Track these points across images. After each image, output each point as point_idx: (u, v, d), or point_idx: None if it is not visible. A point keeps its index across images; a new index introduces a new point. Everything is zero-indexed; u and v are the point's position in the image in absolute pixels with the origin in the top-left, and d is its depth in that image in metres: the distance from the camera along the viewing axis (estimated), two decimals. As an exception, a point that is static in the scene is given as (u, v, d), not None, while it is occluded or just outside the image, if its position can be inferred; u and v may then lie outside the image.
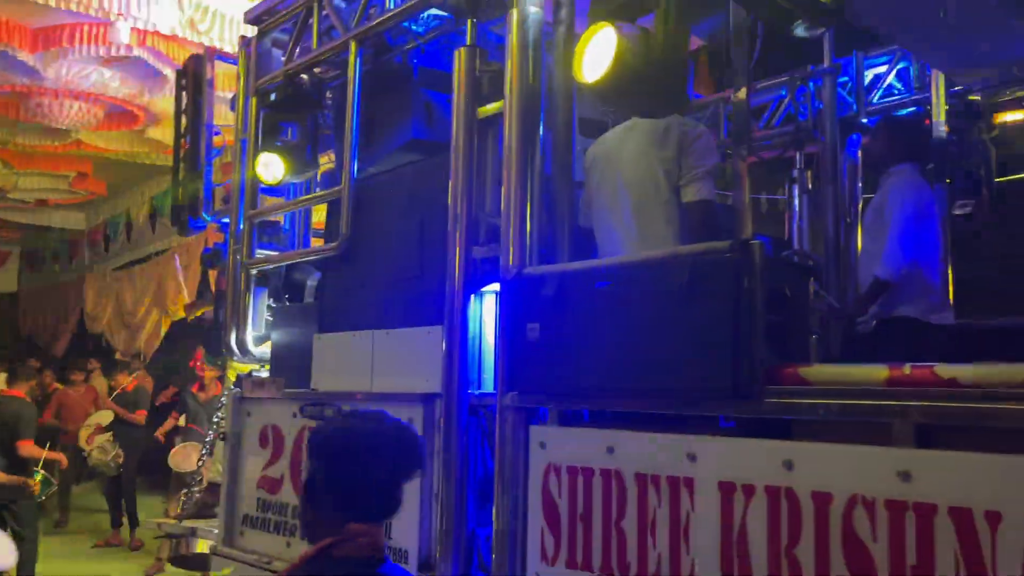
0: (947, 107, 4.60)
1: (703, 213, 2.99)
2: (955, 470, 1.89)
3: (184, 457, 8.27)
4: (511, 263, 3.02)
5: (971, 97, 4.69)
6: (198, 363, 9.15)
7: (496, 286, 3.18)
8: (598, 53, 2.69)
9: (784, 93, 5.56)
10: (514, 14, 3.18)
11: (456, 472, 3.12)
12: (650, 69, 2.62)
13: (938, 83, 4.63)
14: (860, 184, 5.25)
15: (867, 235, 4.25)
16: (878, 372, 2.13)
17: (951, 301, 4.20)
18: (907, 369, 2.08)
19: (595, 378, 2.68)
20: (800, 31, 2.43)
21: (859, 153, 5.14)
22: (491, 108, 3.35)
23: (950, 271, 4.28)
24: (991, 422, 1.89)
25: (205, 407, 8.85)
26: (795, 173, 5.53)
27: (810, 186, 5.43)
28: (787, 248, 5.46)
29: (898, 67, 5.16)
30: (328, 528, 1.93)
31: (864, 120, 5.19)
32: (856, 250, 5.01)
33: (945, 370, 2.02)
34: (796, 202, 5.55)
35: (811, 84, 5.34)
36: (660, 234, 3.02)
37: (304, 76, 4.32)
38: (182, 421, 9.21)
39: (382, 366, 3.58)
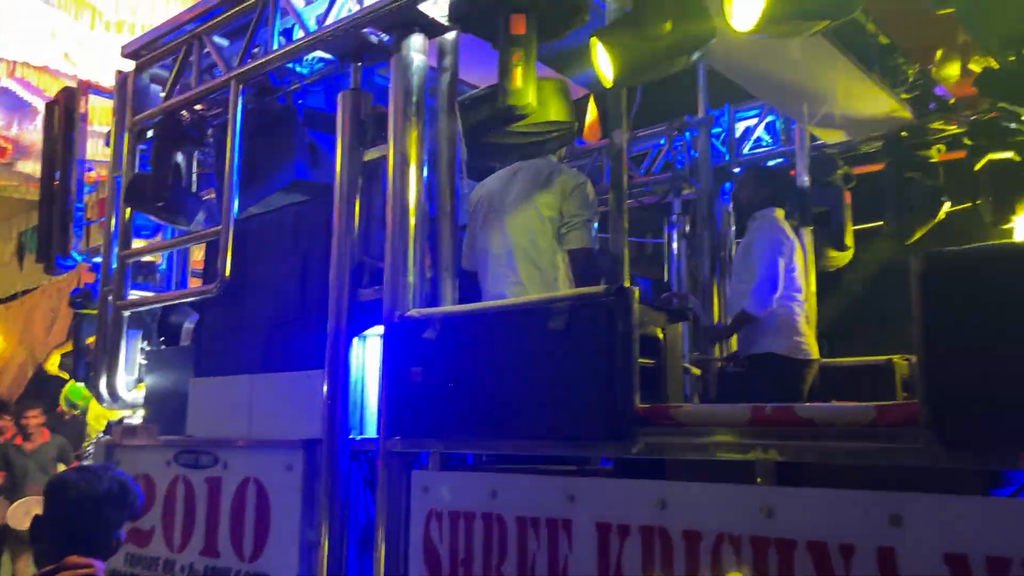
0: (809, 158, 4.91)
1: (584, 259, 3.09)
2: (813, 506, 2.00)
3: (25, 512, 7.57)
4: (394, 306, 3.02)
5: (830, 151, 5.03)
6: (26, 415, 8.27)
7: (380, 329, 3.16)
8: None
9: (663, 142, 5.80)
10: (398, 60, 3.22)
11: (337, 519, 3.06)
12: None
13: (802, 137, 4.94)
14: (733, 228, 5.53)
15: (736, 274, 4.47)
16: (742, 413, 2.23)
17: (815, 339, 4.43)
18: (768, 410, 2.19)
19: (477, 422, 2.69)
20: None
21: (732, 199, 5.41)
22: (376, 152, 3.36)
23: (814, 311, 4.53)
24: (843, 459, 2.01)
25: (33, 457, 8.11)
26: (673, 218, 5.78)
27: (687, 230, 5.68)
28: (666, 289, 5.70)
29: (767, 120, 5.47)
30: (51, 559, 2.21)
31: (736, 169, 5.47)
32: (730, 289, 5.26)
33: (803, 410, 2.14)
34: (675, 245, 5.79)
35: (687, 134, 5.60)
36: (543, 278, 3.09)
37: (184, 113, 4.22)
38: (3, 479, 8.24)
39: (261, 411, 3.48)
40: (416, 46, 3.25)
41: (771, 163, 5.34)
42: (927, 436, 1.86)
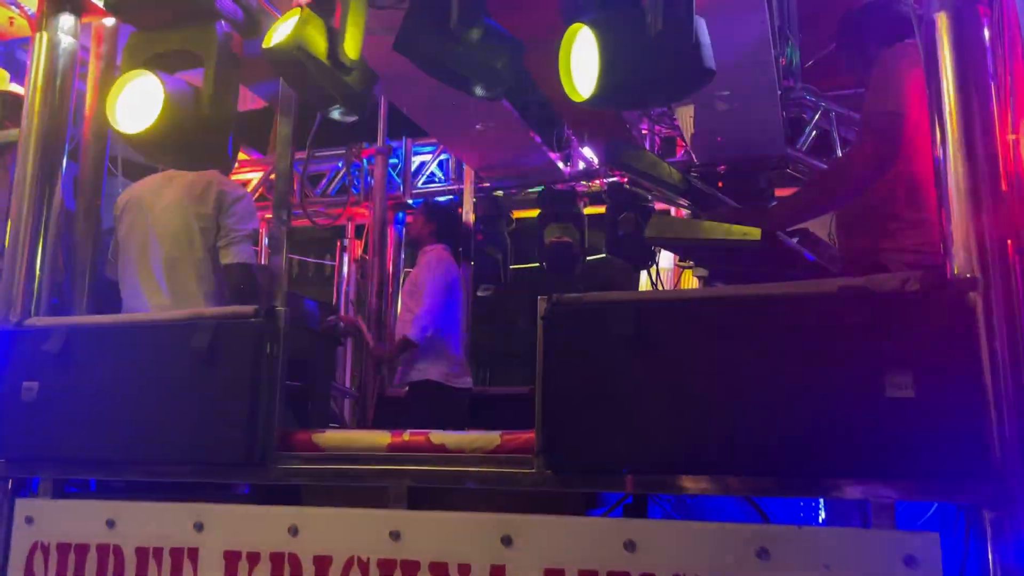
0: (475, 199, 5.23)
1: (241, 276, 2.97)
2: (436, 528, 2.10)
3: None
4: (8, 312, 2.67)
5: (496, 193, 5.40)
6: None
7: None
8: (136, 101, 2.55)
9: (341, 165, 5.83)
10: (43, 37, 2.89)
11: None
12: (195, 125, 2.56)
13: (470, 177, 5.25)
14: (403, 257, 5.70)
15: (403, 302, 4.61)
16: (382, 438, 2.29)
17: (469, 369, 4.69)
18: (406, 435, 2.28)
19: (102, 445, 2.46)
20: (336, 114, 2.57)
21: (404, 229, 5.59)
22: (11, 135, 2.97)
23: (471, 342, 4.82)
24: (469, 483, 2.14)
25: None
26: (345, 242, 5.82)
27: (359, 255, 5.75)
28: (333, 311, 5.69)
29: (440, 158, 5.74)
30: None
31: (409, 200, 5.65)
32: (396, 315, 5.40)
33: (437, 436, 2.25)
34: (345, 269, 5.83)
35: (365, 161, 5.69)
36: (191, 293, 2.92)
37: None
38: None
39: None
40: (65, 26, 2.95)
41: (441, 199, 5.60)
42: (540, 462, 2.05)
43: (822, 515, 2.57)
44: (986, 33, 2.01)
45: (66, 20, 2.97)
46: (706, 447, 1.91)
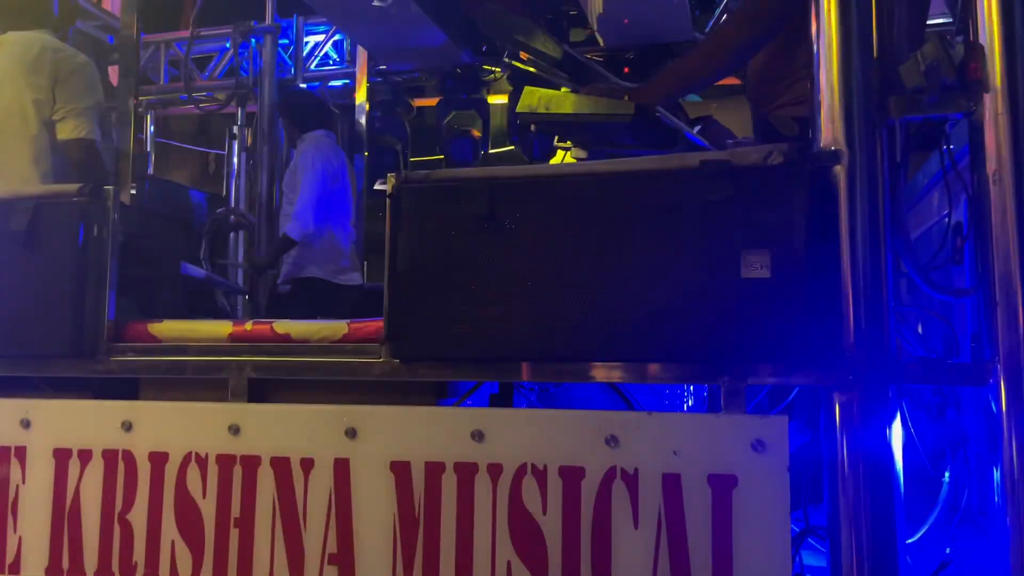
0: (369, 84, 4.93)
1: (82, 153, 2.70)
2: (277, 422, 1.97)
3: None
4: None
5: (392, 78, 5.11)
6: None
7: None
8: None
9: (228, 46, 5.42)
10: None
11: None
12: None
13: (364, 60, 4.94)
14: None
15: (284, 195, 4.36)
16: (223, 328, 2.12)
17: (362, 264, 4.52)
18: (249, 325, 2.11)
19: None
20: None
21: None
22: None
23: (362, 236, 4.61)
24: (310, 374, 2.01)
25: None
26: (235, 130, 5.47)
27: (249, 144, 5.41)
28: (223, 204, 5.39)
29: (334, 39, 5.38)
30: None
31: (301, 84, 5.31)
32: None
33: (281, 326, 2.10)
34: (235, 159, 5.50)
35: (253, 41, 5.29)
36: (25, 174, 2.65)
37: None
38: None
39: None
40: None
41: (335, 83, 5.28)
42: (386, 350, 1.92)
43: (689, 403, 2.55)
44: None
45: None
46: (557, 332, 1.81)
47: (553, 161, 3.80)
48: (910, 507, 1.80)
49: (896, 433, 1.68)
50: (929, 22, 2.35)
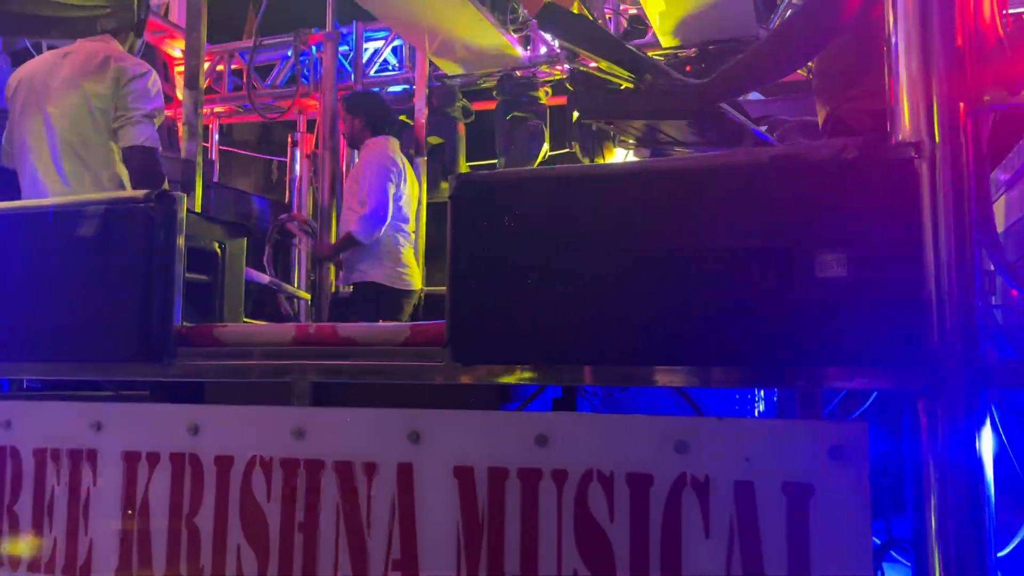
0: (429, 88, 4.94)
1: (142, 160, 2.74)
2: (340, 426, 1.96)
3: None
4: None
5: (448, 82, 5.10)
6: None
7: None
8: None
9: (289, 54, 5.50)
10: None
11: None
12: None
13: (423, 65, 4.95)
14: (356, 151, 5.43)
15: (344, 199, 4.39)
16: (286, 331, 2.13)
17: (422, 268, 4.52)
18: (312, 329, 2.11)
19: (-10, 341, 2.29)
20: None
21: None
22: None
23: (423, 241, 4.62)
24: (373, 378, 1.99)
25: None
26: (297, 136, 5.54)
27: (310, 150, 5.48)
28: (285, 210, 5.47)
29: (394, 44, 5.41)
30: None
31: (361, 89, 5.35)
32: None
33: (344, 329, 2.09)
34: (297, 166, 5.57)
35: (314, 48, 5.36)
36: (94, 179, 2.70)
37: None
38: None
39: None
40: None
41: (394, 88, 5.30)
42: (447, 354, 1.89)
43: (759, 407, 2.46)
44: None
45: None
46: (622, 335, 1.76)
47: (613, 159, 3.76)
48: (1001, 519, 1.70)
49: (986, 440, 1.58)
50: (1012, 11, 2.24)
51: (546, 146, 4.92)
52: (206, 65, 5.82)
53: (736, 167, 1.72)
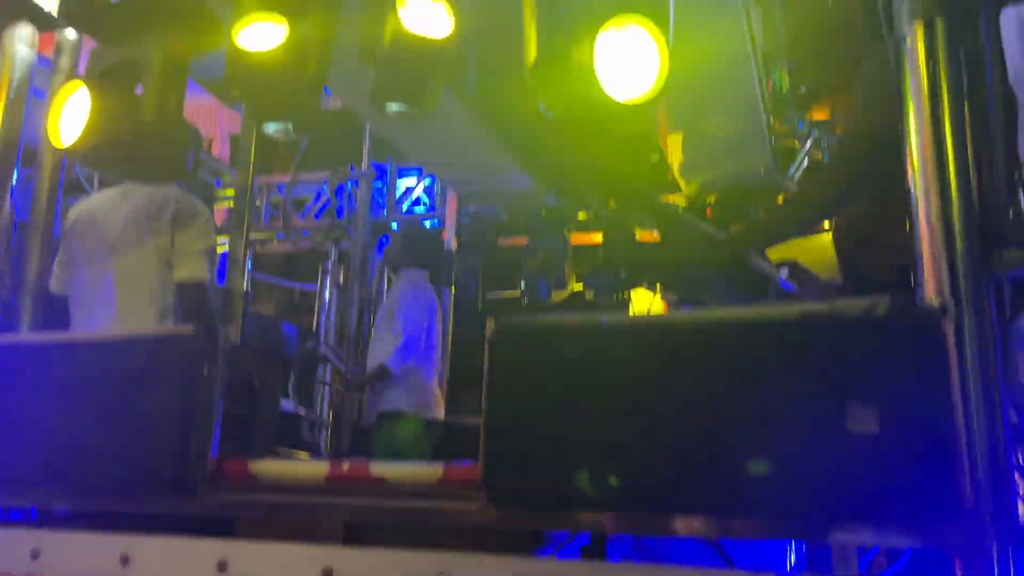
0: (459, 223, 5.12)
1: (194, 294, 2.85)
2: (369, 565, 1.95)
3: None
4: (-51, 328, 2.56)
5: (477, 218, 5.30)
6: None
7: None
8: (73, 114, 2.46)
9: (326, 188, 5.75)
10: (-2, 48, 2.82)
11: None
12: (135, 135, 2.47)
13: (453, 203, 5.16)
14: (385, 283, 5.58)
15: (377, 328, 4.48)
16: (320, 469, 2.15)
17: (443, 398, 4.55)
18: (346, 466, 2.14)
19: (24, 470, 2.33)
20: (271, 129, 2.42)
21: (383, 251, 5.49)
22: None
23: (447, 370, 4.68)
24: (406, 519, 2.00)
25: None
26: (328, 266, 5.72)
27: (341, 280, 5.64)
28: (312, 338, 5.57)
29: (426, 181, 5.65)
30: None
31: (393, 225, 5.56)
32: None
33: (377, 468, 2.11)
34: (327, 293, 5.72)
35: (350, 184, 5.60)
36: (143, 311, 2.80)
37: None
38: None
39: None
40: (22, 37, 2.88)
41: (426, 223, 5.50)
42: (482, 496, 1.91)
43: (791, 559, 2.42)
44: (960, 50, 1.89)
45: (23, 30, 2.90)
46: (655, 484, 1.77)
47: (640, 302, 3.85)
48: None
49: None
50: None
51: (572, 284, 5.05)
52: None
53: (767, 321, 1.78)
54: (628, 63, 2.10)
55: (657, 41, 2.05)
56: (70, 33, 3.07)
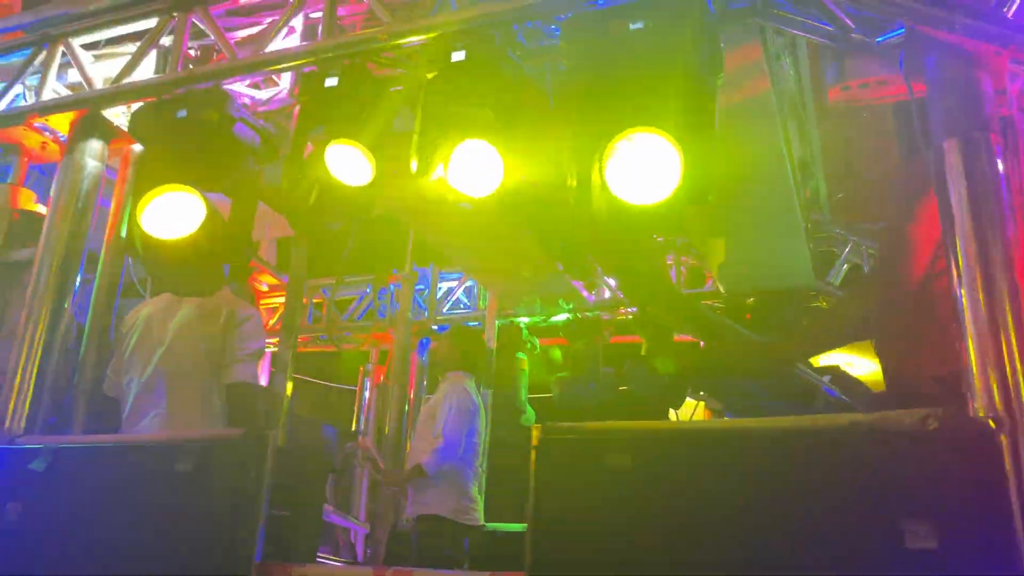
0: (498, 326, 5.17)
1: (242, 396, 2.90)
2: None
3: None
4: (8, 430, 2.63)
5: (514, 320, 5.35)
6: None
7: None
8: (168, 214, 2.61)
9: (368, 291, 5.86)
10: (69, 162, 2.98)
11: None
12: (218, 244, 2.59)
13: (493, 305, 5.22)
14: (425, 384, 5.61)
15: (418, 429, 4.46)
16: (363, 574, 2.14)
17: (482, 503, 4.49)
18: (389, 573, 2.13)
19: (74, 568, 2.34)
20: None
21: (426, 355, 5.54)
22: (26, 253, 3.04)
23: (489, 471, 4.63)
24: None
25: None
26: (369, 367, 5.77)
27: (381, 380, 5.68)
28: (352, 438, 5.58)
29: (466, 284, 5.74)
30: None
31: (434, 327, 5.62)
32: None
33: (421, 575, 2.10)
34: (367, 394, 5.75)
35: (392, 287, 5.71)
36: (193, 413, 2.85)
37: None
38: None
39: None
40: (92, 151, 3.06)
41: (466, 324, 5.56)
42: (528, 604, 1.88)
43: None
44: (999, 162, 1.94)
45: (94, 145, 3.08)
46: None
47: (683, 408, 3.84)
48: None
49: None
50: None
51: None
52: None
53: (817, 431, 1.77)
54: (644, 171, 2.17)
55: (676, 148, 2.12)
56: (136, 145, 3.25)
